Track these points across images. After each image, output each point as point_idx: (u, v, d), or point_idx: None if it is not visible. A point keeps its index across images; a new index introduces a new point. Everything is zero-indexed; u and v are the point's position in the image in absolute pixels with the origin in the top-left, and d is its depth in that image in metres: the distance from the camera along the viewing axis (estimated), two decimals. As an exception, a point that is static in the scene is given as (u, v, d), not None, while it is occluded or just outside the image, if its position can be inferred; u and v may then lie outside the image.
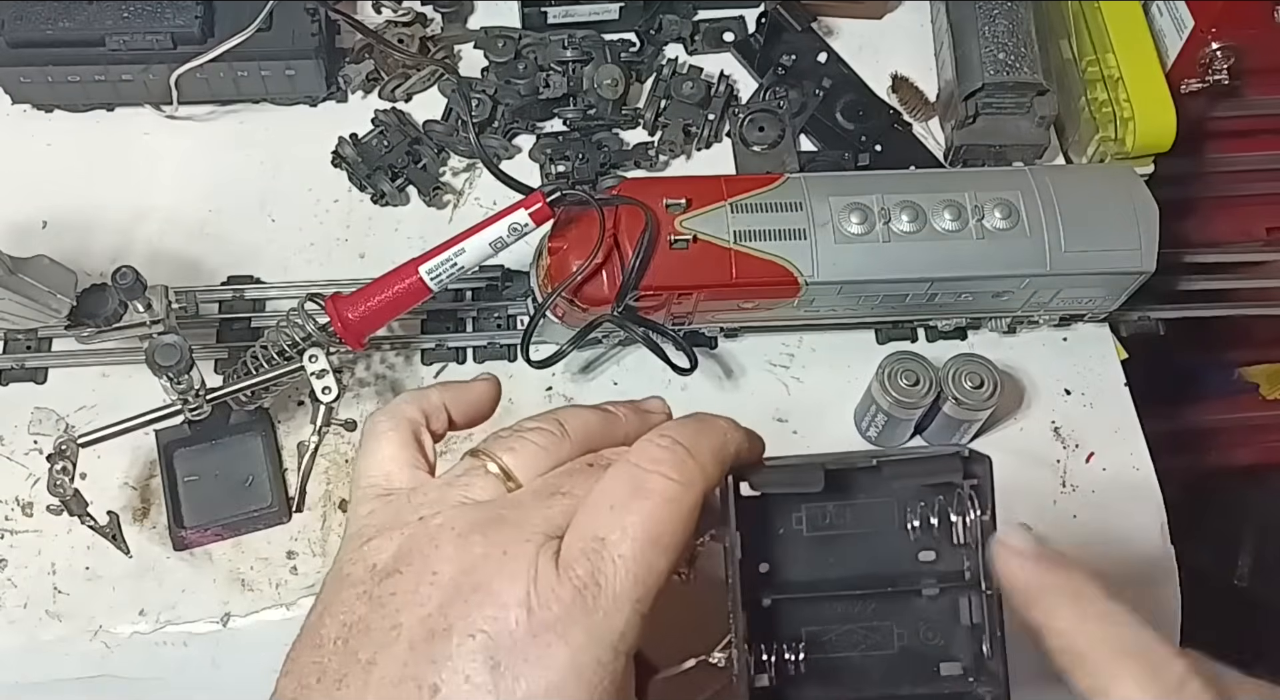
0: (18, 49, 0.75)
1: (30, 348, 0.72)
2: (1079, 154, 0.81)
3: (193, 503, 0.67)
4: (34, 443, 0.69)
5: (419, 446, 0.40)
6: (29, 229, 0.76)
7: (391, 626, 0.33)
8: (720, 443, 0.36)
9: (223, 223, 0.77)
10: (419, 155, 0.79)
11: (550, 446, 0.38)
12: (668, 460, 0.34)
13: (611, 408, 0.40)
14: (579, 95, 0.81)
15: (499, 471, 0.37)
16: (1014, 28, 0.77)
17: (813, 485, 0.36)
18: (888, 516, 0.38)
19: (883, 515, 0.38)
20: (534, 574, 0.32)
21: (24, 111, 0.80)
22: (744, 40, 0.85)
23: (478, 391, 0.43)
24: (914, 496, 0.37)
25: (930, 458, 0.37)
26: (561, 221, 0.66)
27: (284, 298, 0.73)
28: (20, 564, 0.66)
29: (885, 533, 0.38)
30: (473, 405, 0.43)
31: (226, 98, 0.81)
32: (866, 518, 0.38)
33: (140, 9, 0.74)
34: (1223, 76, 0.77)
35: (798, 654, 0.37)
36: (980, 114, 0.77)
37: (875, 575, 0.38)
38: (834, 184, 0.68)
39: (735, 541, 0.35)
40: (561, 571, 0.32)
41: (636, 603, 0.33)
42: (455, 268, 0.65)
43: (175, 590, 0.66)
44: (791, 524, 0.37)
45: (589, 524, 0.34)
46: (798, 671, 0.37)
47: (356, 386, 0.72)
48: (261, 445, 0.69)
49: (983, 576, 0.37)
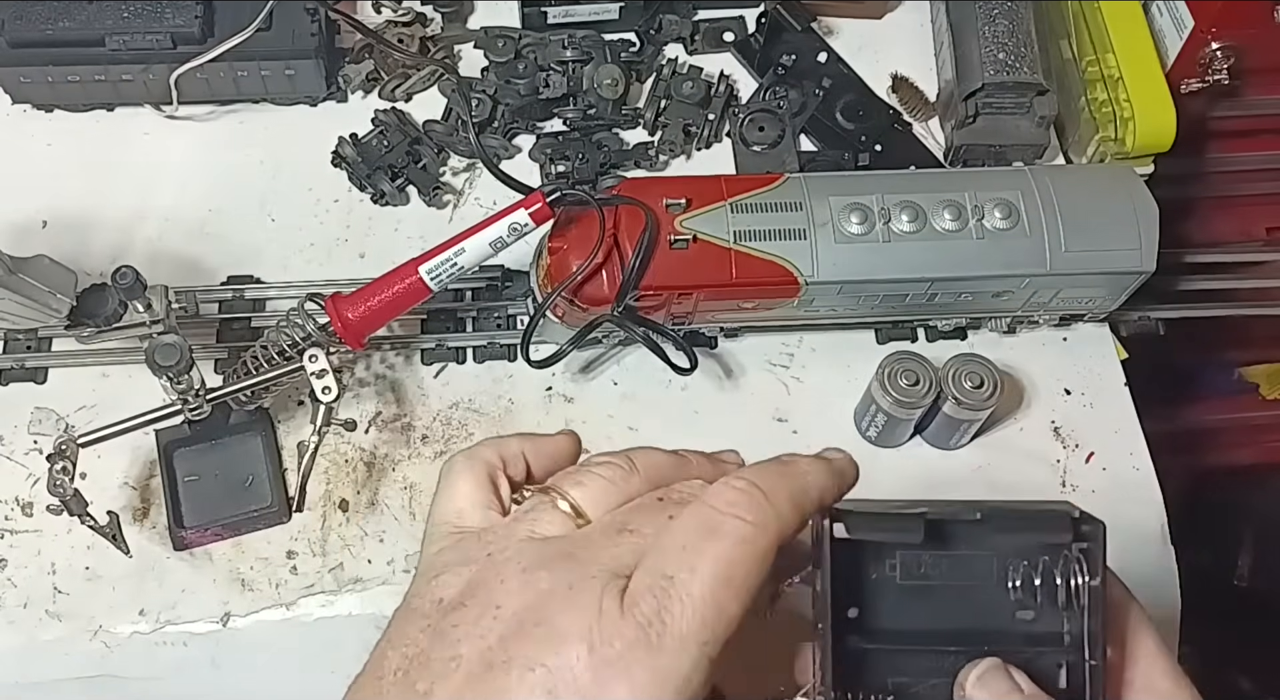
0: (18, 49, 0.75)
1: (30, 347, 0.72)
2: (1079, 154, 0.81)
3: (193, 503, 0.67)
4: (34, 443, 0.69)
5: (494, 489, 0.40)
6: (29, 229, 0.76)
7: (451, 658, 0.32)
8: (799, 487, 0.35)
9: (222, 222, 0.77)
10: (419, 155, 0.79)
11: (620, 481, 0.38)
12: (743, 502, 0.34)
13: (684, 453, 0.40)
14: (579, 95, 0.81)
15: (569, 508, 0.37)
16: (1014, 28, 0.77)
17: (912, 537, 0.36)
18: (986, 571, 0.37)
19: (981, 569, 0.37)
20: (599, 610, 0.32)
21: (24, 111, 0.80)
22: (744, 40, 0.85)
23: (558, 444, 0.43)
24: (1016, 553, 0.36)
25: (1039, 514, 0.36)
26: (561, 221, 0.66)
27: (284, 298, 0.73)
28: (20, 564, 0.66)
29: (983, 587, 0.37)
30: (551, 457, 0.42)
31: (226, 98, 0.81)
32: (964, 570, 0.37)
33: (140, 9, 0.74)
34: (1222, 76, 0.77)
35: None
36: (980, 114, 0.77)
37: (969, 631, 0.37)
38: (834, 184, 0.68)
39: (827, 586, 0.35)
40: (626, 609, 0.32)
41: (704, 645, 0.32)
42: (455, 268, 0.65)
43: (175, 590, 0.66)
44: (885, 570, 0.37)
45: (658, 563, 0.33)
46: None
47: (356, 386, 0.72)
48: (261, 445, 0.69)
49: (1086, 644, 0.35)
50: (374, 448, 0.71)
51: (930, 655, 0.36)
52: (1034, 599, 0.36)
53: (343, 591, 0.67)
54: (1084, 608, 0.35)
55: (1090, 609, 0.35)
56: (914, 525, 0.35)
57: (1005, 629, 0.36)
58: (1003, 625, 0.36)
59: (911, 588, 0.36)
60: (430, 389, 0.73)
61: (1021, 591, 0.36)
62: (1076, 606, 0.35)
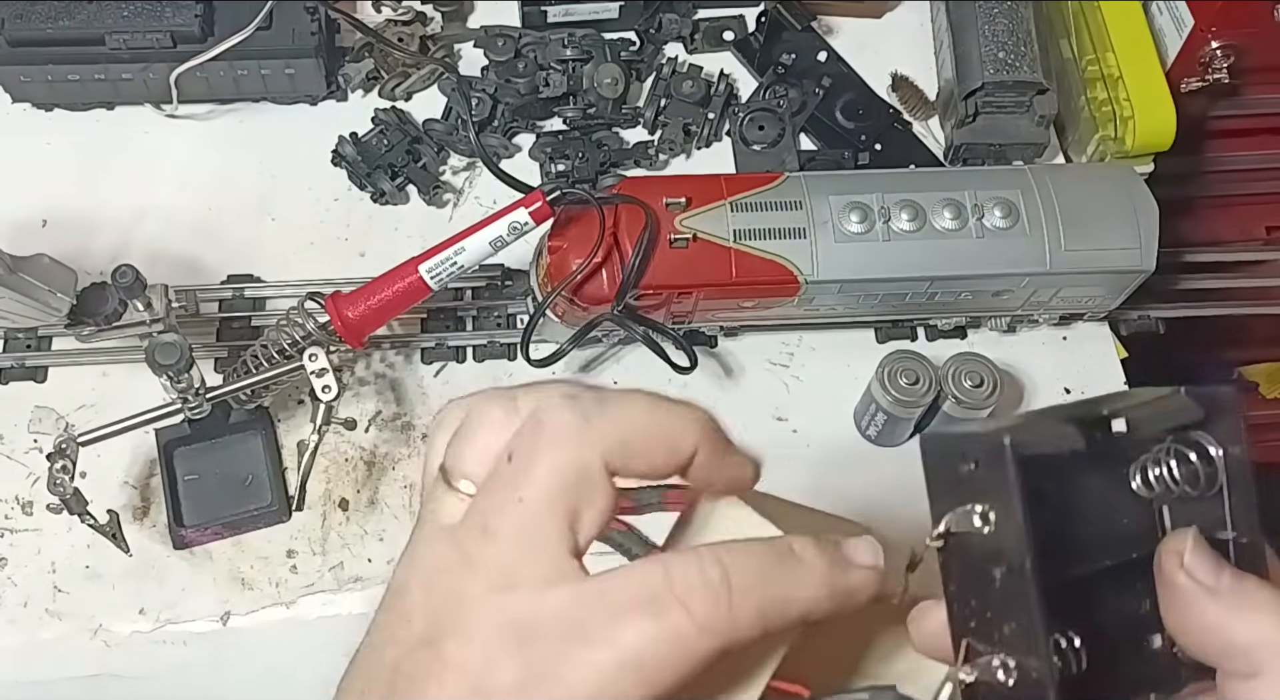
0: (18, 48, 0.75)
1: (30, 346, 0.72)
2: (1079, 153, 0.81)
3: (193, 501, 0.67)
4: (34, 441, 0.69)
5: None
6: (29, 227, 0.76)
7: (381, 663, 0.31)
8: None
9: (222, 221, 0.77)
10: (419, 154, 0.79)
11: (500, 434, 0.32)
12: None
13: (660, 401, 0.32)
14: (579, 94, 0.81)
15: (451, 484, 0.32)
16: (1014, 27, 0.77)
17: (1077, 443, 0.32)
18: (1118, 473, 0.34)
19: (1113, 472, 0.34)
20: (485, 639, 0.29)
21: (24, 110, 0.80)
22: (744, 39, 0.85)
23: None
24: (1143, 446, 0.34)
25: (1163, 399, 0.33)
26: (561, 220, 0.66)
27: (284, 296, 0.73)
28: (20, 563, 0.66)
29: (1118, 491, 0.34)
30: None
31: (226, 97, 0.81)
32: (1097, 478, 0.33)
33: (140, 8, 0.74)
34: (1222, 75, 0.77)
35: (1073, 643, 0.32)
36: (980, 113, 0.77)
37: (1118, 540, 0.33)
38: (834, 183, 0.68)
39: (1023, 514, 0.30)
40: (520, 647, 0.29)
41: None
42: (455, 267, 0.65)
43: (175, 589, 0.66)
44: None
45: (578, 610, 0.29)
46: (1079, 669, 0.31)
47: (356, 385, 0.72)
48: (261, 444, 0.69)
49: (1231, 522, 0.33)
50: (374, 447, 0.71)
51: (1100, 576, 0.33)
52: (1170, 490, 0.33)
53: (343, 590, 0.67)
54: (1225, 485, 0.33)
55: (1232, 483, 0.33)
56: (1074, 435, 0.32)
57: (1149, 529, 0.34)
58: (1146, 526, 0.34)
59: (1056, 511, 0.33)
60: (430, 388, 0.73)
61: (1158, 485, 0.33)
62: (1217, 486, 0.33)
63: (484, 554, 0.30)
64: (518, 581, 0.30)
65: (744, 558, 0.30)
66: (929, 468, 0.32)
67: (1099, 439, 0.33)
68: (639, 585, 0.29)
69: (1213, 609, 0.31)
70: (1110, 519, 0.34)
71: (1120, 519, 0.34)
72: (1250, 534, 0.33)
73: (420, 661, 0.30)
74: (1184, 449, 0.33)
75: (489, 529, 0.30)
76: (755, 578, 0.30)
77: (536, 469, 0.30)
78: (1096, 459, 0.33)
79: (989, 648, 0.31)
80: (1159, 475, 0.33)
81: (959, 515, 0.31)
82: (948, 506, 0.32)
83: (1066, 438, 0.32)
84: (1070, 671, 0.31)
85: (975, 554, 0.31)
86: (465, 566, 0.31)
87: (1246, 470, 0.33)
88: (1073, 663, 0.31)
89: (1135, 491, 0.34)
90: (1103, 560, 0.33)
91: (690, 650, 0.29)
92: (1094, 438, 0.33)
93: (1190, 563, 0.32)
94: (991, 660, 0.31)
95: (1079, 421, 0.32)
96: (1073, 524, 0.33)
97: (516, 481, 0.30)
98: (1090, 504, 0.33)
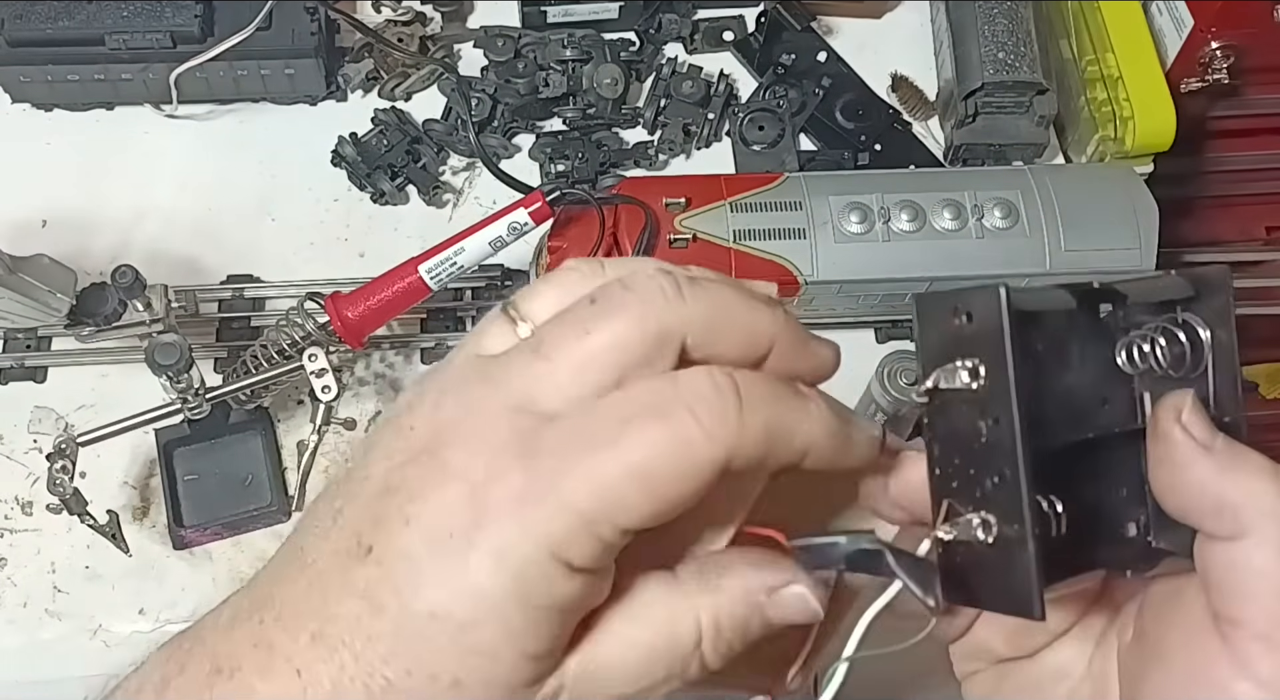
0: (17, 48, 0.75)
1: (30, 346, 0.72)
2: (1079, 153, 0.81)
3: (192, 502, 0.67)
4: (34, 442, 0.69)
5: None
6: (28, 228, 0.76)
7: (364, 476, 0.30)
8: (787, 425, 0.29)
9: (222, 222, 0.77)
10: (419, 154, 0.79)
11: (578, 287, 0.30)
12: (709, 401, 0.27)
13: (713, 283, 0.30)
14: (579, 94, 0.81)
15: (514, 316, 0.30)
16: (1014, 27, 0.77)
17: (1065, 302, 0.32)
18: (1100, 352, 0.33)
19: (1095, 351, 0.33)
20: (491, 449, 0.28)
21: (23, 110, 0.80)
22: (743, 39, 0.85)
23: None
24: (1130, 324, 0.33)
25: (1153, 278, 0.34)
26: (561, 221, 0.66)
27: (283, 297, 0.73)
28: (20, 563, 0.66)
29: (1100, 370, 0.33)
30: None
31: (226, 97, 0.81)
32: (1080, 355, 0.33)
33: (140, 8, 0.74)
34: (1222, 76, 0.77)
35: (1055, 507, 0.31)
36: (980, 113, 0.77)
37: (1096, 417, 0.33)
38: (834, 183, 0.68)
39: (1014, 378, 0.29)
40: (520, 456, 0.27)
41: (590, 524, 0.27)
42: (455, 267, 0.65)
43: (175, 589, 0.66)
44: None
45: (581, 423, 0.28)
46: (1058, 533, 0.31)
47: (356, 385, 0.72)
48: (261, 444, 0.69)
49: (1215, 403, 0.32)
50: (374, 447, 0.70)
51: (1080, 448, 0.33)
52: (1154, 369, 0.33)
53: (342, 591, 0.66)
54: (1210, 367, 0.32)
55: (1218, 366, 0.32)
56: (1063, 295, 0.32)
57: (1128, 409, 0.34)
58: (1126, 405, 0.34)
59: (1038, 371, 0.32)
60: (430, 388, 0.73)
61: (1142, 363, 0.33)
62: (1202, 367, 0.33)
63: (524, 373, 0.29)
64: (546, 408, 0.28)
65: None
66: (921, 326, 0.32)
67: (1087, 310, 0.33)
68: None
69: (1204, 465, 0.31)
70: (1092, 393, 0.33)
71: (1101, 395, 0.34)
72: (1234, 415, 0.33)
73: (415, 471, 0.29)
74: (1172, 329, 0.33)
75: (543, 352, 0.29)
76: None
77: (617, 317, 0.29)
78: (1084, 329, 0.33)
79: (969, 508, 0.31)
80: (1145, 352, 0.33)
81: (947, 371, 0.31)
82: (936, 363, 0.31)
83: (1058, 299, 0.32)
84: (1050, 534, 0.31)
85: (962, 411, 0.31)
86: (491, 383, 0.29)
87: (1232, 353, 0.33)
88: (1053, 525, 0.31)
89: (1120, 368, 0.33)
90: (1084, 432, 0.33)
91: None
92: (1083, 307, 0.33)
93: (1188, 418, 0.31)
94: (972, 518, 0.30)
95: (1073, 288, 0.32)
96: (1058, 392, 0.33)
97: (592, 320, 0.29)
98: (1075, 375, 0.33)
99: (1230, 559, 0.31)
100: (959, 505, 0.31)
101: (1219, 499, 0.31)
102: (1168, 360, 0.33)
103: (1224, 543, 0.31)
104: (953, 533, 0.31)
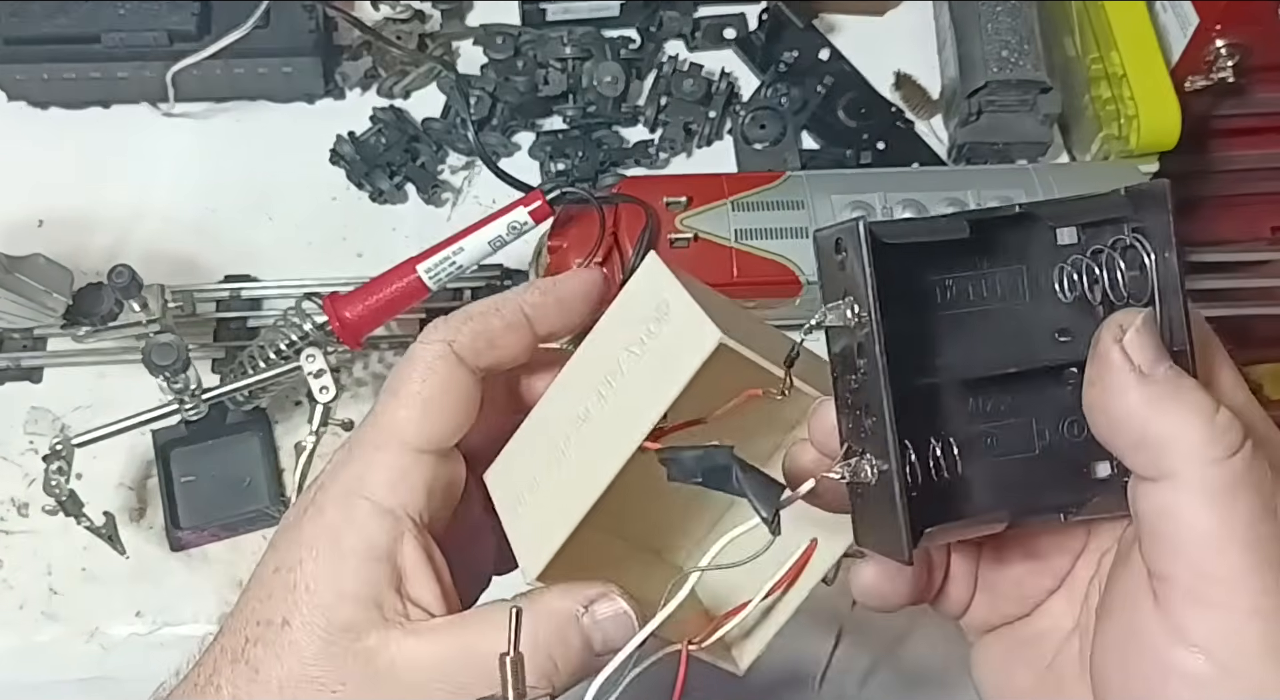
0: (13, 46, 0.74)
1: (26, 347, 0.71)
2: (1083, 152, 0.81)
3: (189, 503, 0.67)
4: (30, 443, 0.69)
5: None
6: (25, 227, 0.75)
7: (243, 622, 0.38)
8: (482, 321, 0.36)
9: (220, 221, 0.77)
10: (417, 153, 0.79)
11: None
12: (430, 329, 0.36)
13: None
14: (579, 92, 0.80)
15: None
16: (1017, 25, 0.77)
17: (956, 232, 0.30)
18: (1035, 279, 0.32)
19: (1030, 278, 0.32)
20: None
21: (19, 108, 0.80)
22: (745, 37, 0.85)
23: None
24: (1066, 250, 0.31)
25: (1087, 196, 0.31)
26: (561, 220, 0.66)
27: (281, 297, 0.73)
28: (16, 565, 0.66)
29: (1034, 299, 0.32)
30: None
31: (223, 95, 0.80)
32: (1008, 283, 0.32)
33: (136, 6, 0.74)
34: (1227, 74, 0.77)
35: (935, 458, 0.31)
36: (983, 112, 0.77)
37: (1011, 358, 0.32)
38: (836, 182, 0.68)
39: (874, 310, 0.29)
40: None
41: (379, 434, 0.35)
42: (454, 266, 0.64)
43: (172, 591, 0.66)
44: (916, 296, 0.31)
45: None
46: (938, 479, 0.31)
47: (354, 386, 0.72)
48: (259, 445, 0.68)
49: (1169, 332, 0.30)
50: (372, 448, 0.70)
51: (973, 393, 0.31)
52: (1094, 299, 0.31)
53: (341, 593, 0.66)
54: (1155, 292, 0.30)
55: (1164, 291, 0.30)
56: (956, 223, 0.30)
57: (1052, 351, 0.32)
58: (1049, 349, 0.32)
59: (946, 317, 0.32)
60: (429, 389, 0.72)
61: (1081, 290, 0.31)
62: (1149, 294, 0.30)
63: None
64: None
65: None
66: (819, 263, 0.32)
67: (1010, 237, 0.32)
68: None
69: (1137, 393, 0.28)
70: (1021, 325, 0.32)
71: (1035, 326, 0.32)
72: (1182, 345, 0.30)
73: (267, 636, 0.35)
74: (1112, 253, 0.31)
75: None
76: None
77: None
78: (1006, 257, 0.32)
79: (860, 450, 0.30)
80: (1079, 278, 0.31)
81: (832, 309, 0.30)
82: (828, 301, 0.31)
83: (945, 227, 0.30)
84: (933, 477, 0.30)
85: (849, 350, 0.30)
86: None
87: (1178, 276, 0.30)
88: (940, 468, 0.30)
89: (1057, 296, 0.32)
90: (1006, 366, 0.31)
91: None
92: (989, 234, 0.31)
93: (1131, 340, 0.29)
94: (860, 459, 0.30)
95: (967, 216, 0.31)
96: (964, 326, 0.31)
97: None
98: (996, 307, 0.32)
99: (1157, 505, 0.28)
100: (855, 446, 0.31)
101: (1144, 431, 0.28)
102: (1107, 286, 0.31)
103: (1150, 484, 0.29)
104: (843, 474, 0.30)
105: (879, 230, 0.29)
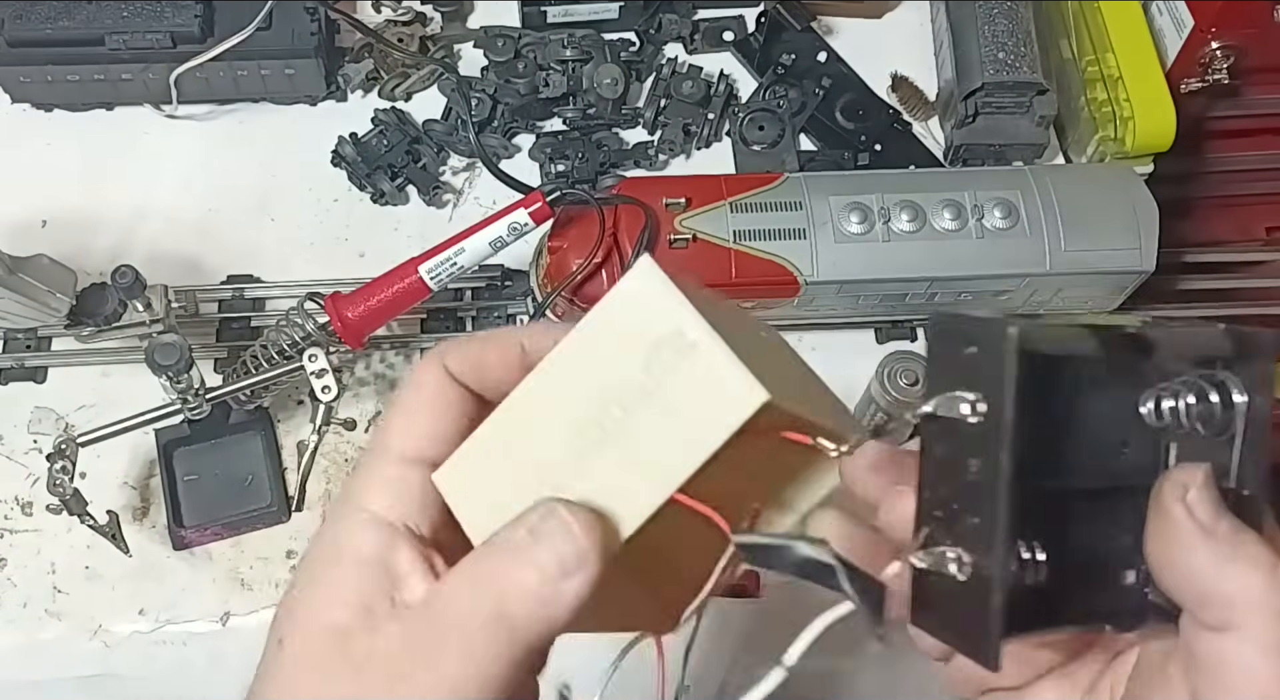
0: (17, 48, 0.75)
1: (30, 347, 0.72)
2: (1079, 153, 0.81)
3: (192, 502, 0.67)
4: (34, 442, 0.69)
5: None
6: (28, 228, 0.76)
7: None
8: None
9: (222, 222, 0.77)
10: (419, 154, 0.79)
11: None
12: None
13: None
14: (579, 94, 0.81)
15: None
16: (1014, 27, 0.77)
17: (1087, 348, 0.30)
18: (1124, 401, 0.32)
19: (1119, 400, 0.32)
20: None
21: (23, 110, 0.80)
22: (743, 39, 0.85)
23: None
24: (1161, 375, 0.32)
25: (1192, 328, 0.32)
26: (561, 221, 0.66)
27: (284, 297, 0.73)
28: (20, 563, 0.66)
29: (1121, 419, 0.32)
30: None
31: (226, 97, 0.81)
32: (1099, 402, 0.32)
33: (140, 8, 0.74)
34: (1222, 76, 0.77)
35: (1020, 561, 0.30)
36: (980, 113, 0.77)
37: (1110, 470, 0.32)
38: (834, 183, 0.68)
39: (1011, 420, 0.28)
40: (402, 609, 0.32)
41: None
42: (455, 267, 0.65)
43: (175, 589, 0.66)
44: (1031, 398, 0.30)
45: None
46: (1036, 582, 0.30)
47: (356, 386, 0.72)
48: (261, 444, 0.69)
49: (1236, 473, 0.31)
50: (374, 447, 0.70)
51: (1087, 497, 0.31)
52: (1180, 425, 0.31)
53: (342, 591, 0.66)
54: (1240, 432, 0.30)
55: (1247, 432, 0.30)
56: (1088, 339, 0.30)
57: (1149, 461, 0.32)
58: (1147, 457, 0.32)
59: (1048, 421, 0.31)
60: (430, 388, 0.73)
61: (1169, 417, 0.31)
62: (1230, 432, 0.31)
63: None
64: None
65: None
66: (932, 345, 0.31)
67: (1118, 356, 0.31)
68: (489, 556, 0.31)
69: (1203, 550, 0.30)
70: (1111, 442, 0.32)
71: (1121, 444, 0.32)
72: (1253, 488, 0.31)
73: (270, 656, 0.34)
74: (1205, 387, 0.31)
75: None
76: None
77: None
78: (1111, 376, 0.32)
79: (947, 541, 0.30)
80: (1173, 407, 0.31)
81: (947, 399, 0.30)
82: (941, 388, 0.30)
83: (1080, 343, 0.30)
84: (1025, 582, 0.30)
85: (957, 443, 0.30)
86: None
87: (1265, 422, 0.31)
88: (1030, 573, 0.30)
89: (1144, 419, 0.32)
90: (1094, 481, 0.32)
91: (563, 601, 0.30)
92: (1112, 353, 0.31)
93: (1194, 497, 0.30)
94: (947, 551, 0.29)
95: (1101, 333, 0.31)
96: (1068, 436, 0.31)
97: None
98: (1093, 420, 0.32)
99: (1216, 649, 0.30)
100: (938, 535, 0.30)
101: (1211, 588, 0.30)
102: (1195, 418, 0.31)
103: (1211, 632, 0.30)
104: (928, 560, 0.30)
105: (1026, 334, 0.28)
